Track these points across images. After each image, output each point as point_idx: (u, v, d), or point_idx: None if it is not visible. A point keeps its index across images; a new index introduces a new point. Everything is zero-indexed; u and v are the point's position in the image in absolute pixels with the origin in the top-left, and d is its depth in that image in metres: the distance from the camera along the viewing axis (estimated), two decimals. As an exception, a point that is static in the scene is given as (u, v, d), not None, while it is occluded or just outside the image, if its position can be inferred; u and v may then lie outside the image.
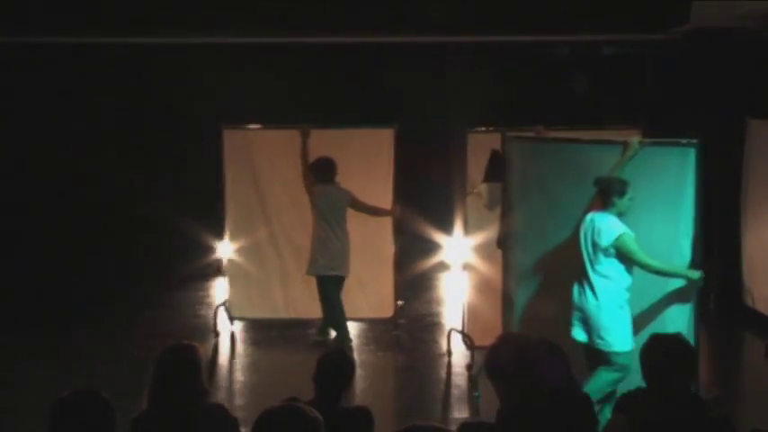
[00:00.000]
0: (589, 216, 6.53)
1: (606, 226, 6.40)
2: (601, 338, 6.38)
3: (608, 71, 12.46)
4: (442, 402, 7.76)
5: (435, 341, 9.45)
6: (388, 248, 9.58)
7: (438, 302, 11.01)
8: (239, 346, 9.27)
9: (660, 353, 4.21)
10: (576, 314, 6.55)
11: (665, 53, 11.55)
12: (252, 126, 9.73)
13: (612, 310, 6.40)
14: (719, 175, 10.29)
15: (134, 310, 10.35)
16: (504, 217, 7.47)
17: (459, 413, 7.44)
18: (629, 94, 11.88)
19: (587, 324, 6.47)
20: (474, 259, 8.49)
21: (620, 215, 6.44)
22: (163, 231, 11.55)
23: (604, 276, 6.42)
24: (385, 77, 12.26)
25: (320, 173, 8.93)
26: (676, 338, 4.39)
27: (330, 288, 8.98)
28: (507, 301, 7.39)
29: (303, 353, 8.81)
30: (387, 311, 9.62)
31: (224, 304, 9.59)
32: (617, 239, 6.33)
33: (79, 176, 11.74)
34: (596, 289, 6.41)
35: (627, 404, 4.29)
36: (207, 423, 4.20)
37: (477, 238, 8.41)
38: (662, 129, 8.23)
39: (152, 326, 9.67)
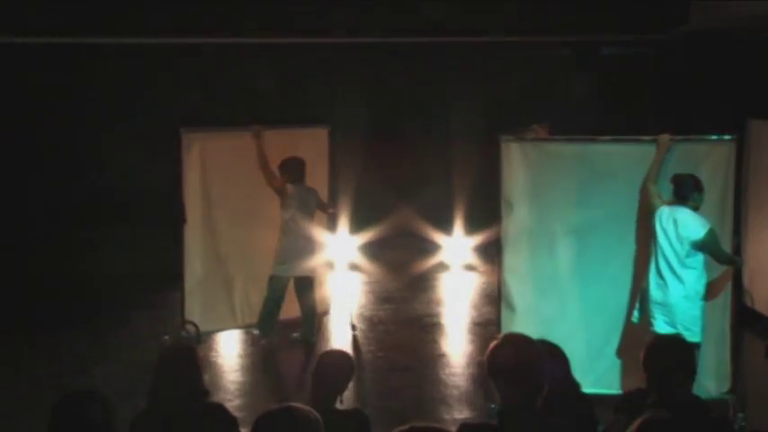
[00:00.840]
0: (665, 210, 6.68)
1: (693, 220, 6.61)
2: (688, 330, 6.42)
3: (608, 71, 12.46)
4: (441, 403, 7.75)
5: (435, 341, 9.45)
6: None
7: (437, 303, 11.00)
8: (238, 347, 9.25)
9: (660, 353, 4.21)
10: (657, 308, 6.67)
11: (664, 53, 11.56)
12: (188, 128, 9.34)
13: (697, 301, 6.63)
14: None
15: (133, 310, 10.32)
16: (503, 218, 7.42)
17: (459, 414, 7.44)
18: (629, 94, 11.89)
19: (672, 317, 6.59)
20: None
21: (696, 210, 6.66)
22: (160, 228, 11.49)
23: (692, 268, 6.62)
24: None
25: (292, 172, 8.89)
26: (676, 338, 4.39)
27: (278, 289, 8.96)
28: (506, 302, 7.38)
29: (302, 353, 8.82)
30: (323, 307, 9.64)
31: (187, 324, 9.15)
32: (708, 233, 6.57)
33: (75, 175, 11.72)
34: (684, 281, 6.60)
35: (626, 404, 4.29)
36: (206, 423, 4.19)
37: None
38: (662, 129, 8.22)
39: (150, 326, 9.65)
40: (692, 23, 10.19)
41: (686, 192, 6.65)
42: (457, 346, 9.41)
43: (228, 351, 9.15)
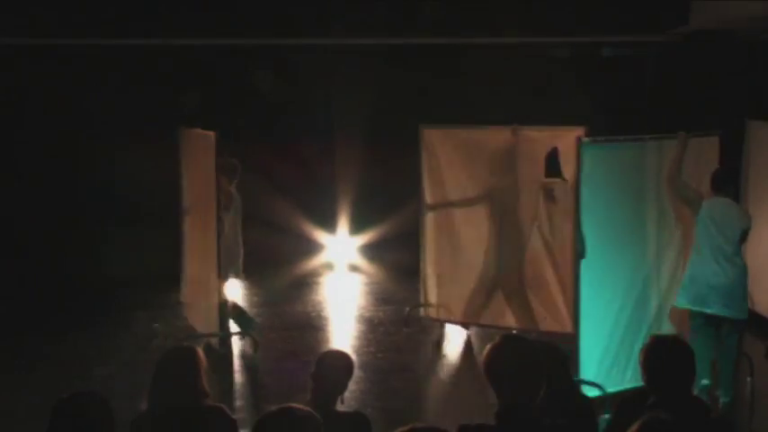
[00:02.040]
0: (714, 202, 7.25)
1: (740, 210, 7.43)
2: (742, 309, 7.28)
3: (607, 72, 12.45)
4: (442, 404, 7.75)
5: (436, 343, 9.45)
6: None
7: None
8: (238, 348, 9.25)
9: (660, 353, 4.20)
10: (715, 293, 7.19)
11: (664, 54, 11.55)
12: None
13: (747, 282, 7.32)
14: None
15: (133, 311, 10.32)
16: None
17: (461, 414, 7.42)
18: (629, 95, 11.88)
19: (731, 300, 7.17)
20: None
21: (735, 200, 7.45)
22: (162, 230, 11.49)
23: (740, 254, 7.31)
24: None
25: (235, 174, 8.92)
26: (676, 339, 4.39)
27: None
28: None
29: (302, 355, 8.82)
30: None
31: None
32: (750, 221, 7.31)
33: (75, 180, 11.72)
34: (739, 265, 7.25)
35: (626, 406, 4.28)
36: (207, 424, 4.19)
37: None
38: (662, 129, 8.23)
39: (150, 328, 9.66)
40: (692, 24, 10.19)
41: (725, 184, 7.30)
42: (458, 347, 9.41)
43: (229, 352, 9.16)
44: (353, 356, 4.77)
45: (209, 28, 11.01)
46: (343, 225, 12.53)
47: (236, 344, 9.30)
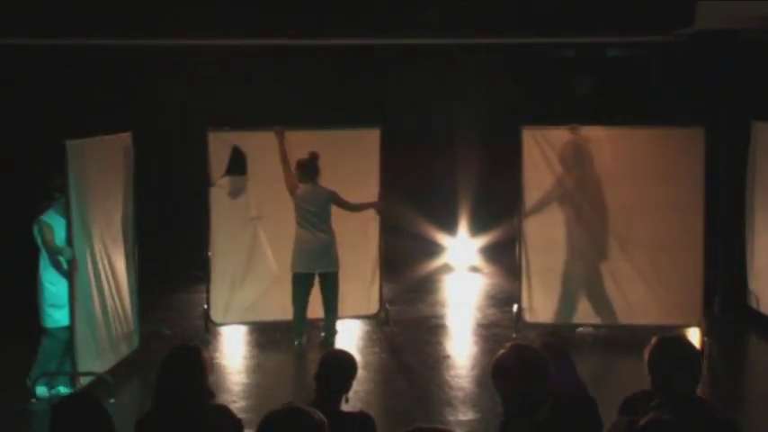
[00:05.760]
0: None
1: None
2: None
3: (613, 73, 12.45)
4: (445, 404, 7.75)
5: (439, 343, 9.45)
6: (374, 245, 9.69)
7: (442, 305, 11.00)
8: (243, 348, 9.26)
9: (664, 354, 4.20)
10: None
11: (669, 55, 11.54)
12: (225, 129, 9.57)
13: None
14: (724, 177, 10.29)
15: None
16: None
17: (463, 415, 7.43)
18: (634, 95, 11.88)
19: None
20: None
21: None
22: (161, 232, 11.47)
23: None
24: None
25: (303, 172, 8.98)
26: (681, 339, 4.38)
27: (298, 287, 9.02)
28: None
29: (307, 354, 8.82)
30: (371, 309, 9.75)
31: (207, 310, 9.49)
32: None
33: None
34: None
35: (630, 406, 4.28)
36: (211, 424, 4.19)
37: None
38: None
39: (155, 327, 9.66)
40: (697, 25, 10.17)
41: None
42: (462, 348, 9.41)
43: (234, 352, 9.17)
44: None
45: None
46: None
47: (239, 343, 9.31)
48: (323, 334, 9.12)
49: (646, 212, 9.02)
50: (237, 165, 9.48)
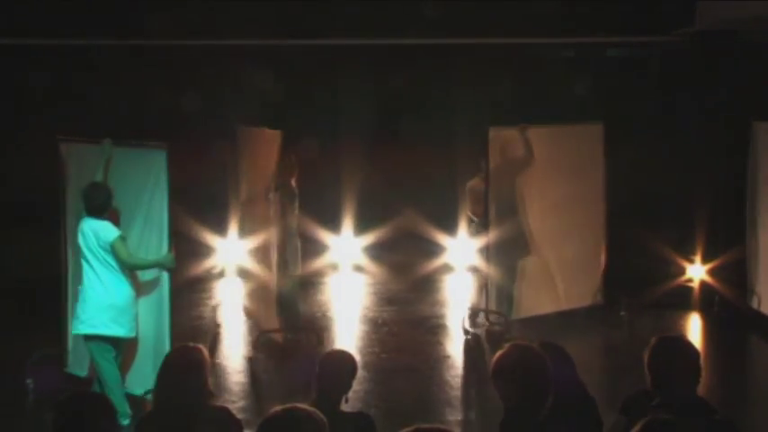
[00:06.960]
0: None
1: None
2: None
3: (612, 73, 12.44)
4: (445, 404, 7.75)
5: (439, 343, 9.45)
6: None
7: (442, 305, 10.99)
8: (243, 349, 9.26)
9: (664, 354, 4.20)
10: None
11: (669, 55, 11.53)
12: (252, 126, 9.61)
13: None
14: (724, 178, 10.29)
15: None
16: None
17: (463, 415, 7.43)
18: (634, 96, 11.87)
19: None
20: None
21: None
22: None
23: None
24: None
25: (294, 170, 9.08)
26: (680, 340, 4.38)
27: None
28: None
29: (306, 355, 8.82)
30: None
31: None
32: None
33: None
34: None
35: (629, 406, 4.28)
36: (211, 425, 4.20)
37: None
38: (665, 131, 8.26)
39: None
40: (697, 25, 10.17)
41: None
42: (462, 348, 9.41)
43: (233, 352, 9.17)
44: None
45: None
46: (348, 225, 12.56)
47: (242, 345, 9.32)
48: None
49: (552, 206, 9.63)
50: None
